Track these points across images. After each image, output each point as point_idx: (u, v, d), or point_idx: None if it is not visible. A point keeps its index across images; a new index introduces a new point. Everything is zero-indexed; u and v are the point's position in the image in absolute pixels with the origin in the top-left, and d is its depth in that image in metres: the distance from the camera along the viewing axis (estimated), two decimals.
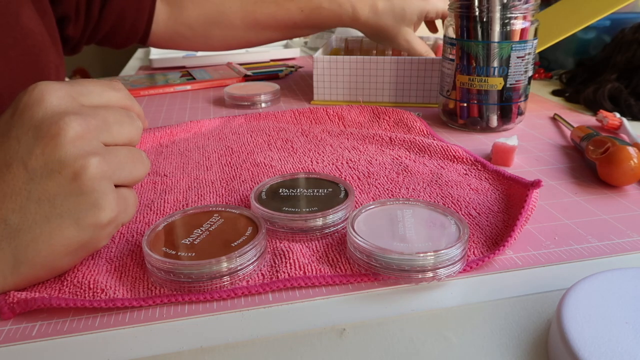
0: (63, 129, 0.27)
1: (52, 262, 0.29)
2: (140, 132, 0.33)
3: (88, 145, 0.28)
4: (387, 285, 0.31)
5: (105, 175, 0.28)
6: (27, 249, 0.28)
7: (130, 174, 0.31)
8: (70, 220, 0.28)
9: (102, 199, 0.28)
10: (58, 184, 0.27)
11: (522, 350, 0.26)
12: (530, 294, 0.30)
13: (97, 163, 0.28)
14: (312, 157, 0.51)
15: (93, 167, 0.28)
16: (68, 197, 0.28)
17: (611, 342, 0.23)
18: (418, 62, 0.67)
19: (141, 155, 0.32)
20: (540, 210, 0.40)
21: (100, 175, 0.28)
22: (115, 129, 0.30)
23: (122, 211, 0.30)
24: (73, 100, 0.30)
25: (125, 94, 0.34)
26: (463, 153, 0.49)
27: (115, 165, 0.29)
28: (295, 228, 0.35)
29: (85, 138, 0.28)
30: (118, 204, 0.29)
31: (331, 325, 0.28)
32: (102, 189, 0.28)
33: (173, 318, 0.29)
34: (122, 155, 0.30)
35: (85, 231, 0.29)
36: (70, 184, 0.28)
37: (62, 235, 0.28)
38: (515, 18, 0.53)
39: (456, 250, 0.31)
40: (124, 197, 0.31)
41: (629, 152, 0.42)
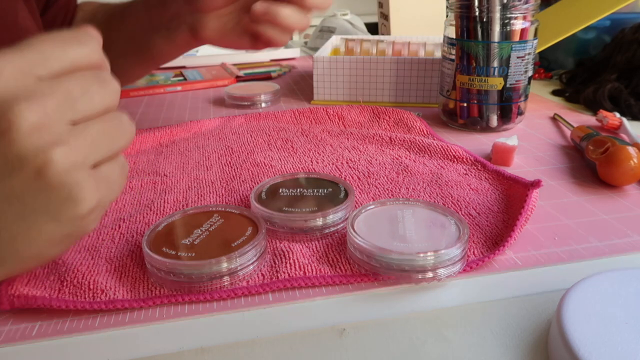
0: (14, 122, 0.24)
1: (38, 255, 0.28)
2: (116, 94, 0.28)
3: (48, 134, 0.24)
4: (387, 285, 0.31)
5: (74, 165, 0.25)
6: (8, 247, 0.26)
7: (109, 148, 0.27)
8: (46, 217, 0.26)
9: (75, 191, 0.25)
10: (22, 182, 0.25)
11: (522, 350, 0.26)
12: (530, 294, 0.30)
13: (61, 155, 0.25)
14: (312, 157, 0.51)
15: (57, 161, 0.24)
16: (37, 194, 0.25)
17: (611, 342, 0.23)
18: (418, 62, 0.67)
19: (121, 122, 0.28)
20: (540, 210, 0.40)
21: (67, 167, 0.25)
22: (83, 102, 0.26)
23: (106, 193, 0.27)
24: (25, 76, 0.25)
25: (92, 48, 0.28)
26: (463, 153, 0.49)
27: (86, 148, 0.26)
28: (295, 228, 0.35)
29: (44, 126, 0.24)
30: (98, 188, 0.26)
31: (331, 325, 0.28)
32: (74, 180, 0.25)
33: (173, 318, 0.29)
34: (94, 132, 0.26)
35: (65, 225, 0.26)
36: (36, 182, 0.25)
37: (41, 231, 0.26)
38: (515, 18, 0.53)
39: (456, 250, 0.31)
40: (106, 177, 0.27)
41: (629, 152, 0.42)
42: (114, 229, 0.38)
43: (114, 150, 0.28)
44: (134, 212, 0.41)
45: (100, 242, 0.36)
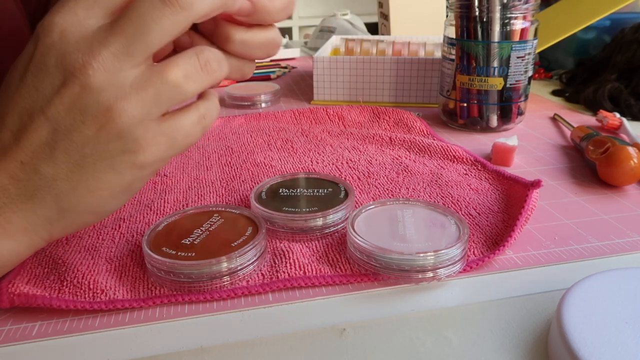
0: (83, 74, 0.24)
1: (97, 207, 0.28)
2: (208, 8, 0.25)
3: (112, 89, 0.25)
4: (387, 285, 0.31)
5: (134, 120, 0.25)
6: (68, 197, 0.27)
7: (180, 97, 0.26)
8: (104, 165, 0.26)
9: (135, 143, 0.26)
10: (83, 134, 0.25)
11: (522, 350, 0.26)
12: (530, 294, 0.30)
13: (122, 109, 0.25)
14: (312, 157, 0.51)
15: (117, 116, 0.25)
16: (96, 146, 0.25)
17: (611, 342, 0.23)
18: (418, 62, 0.67)
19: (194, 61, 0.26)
20: (540, 210, 0.40)
21: (128, 121, 0.25)
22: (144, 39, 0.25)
23: (167, 147, 0.27)
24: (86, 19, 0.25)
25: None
26: (463, 153, 0.49)
27: (149, 101, 0.25)
28: (295, 228, 0.35)
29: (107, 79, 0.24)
30: (159, 142, 0.26)
31: (331, 325, 0.28)
32: (134, 133, 0.25)
33: (173, 318, 0.29)
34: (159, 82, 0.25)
35: (124, 174, 0.27)
36: (98, 134, 0.25)
37: (100, 180, 0.26)
38: (515, 18, 0.53)
39: (456, 250, 0.31)
40: (171, 131, 0.27)
41: (629, 152, 0.42)
42: (114, 228, 0.38)
43: (182, 99, 0.27)
44: (134, 211, 0.41)
45: (100, 242, 0.36)
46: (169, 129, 0.27)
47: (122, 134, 0.25)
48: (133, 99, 0.25)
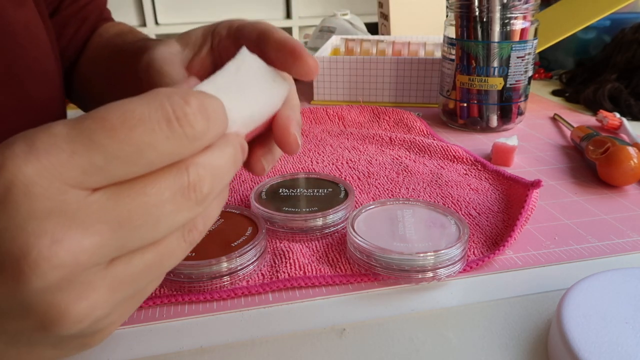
0: (25, 274, 0.17)
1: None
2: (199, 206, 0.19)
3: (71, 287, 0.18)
4: (387, 285, 0.31)
5: (96, 321, 0.19)
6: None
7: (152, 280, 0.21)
8: (46, 347, 0.20)
9: (89, 338, 0.21)
10: (22, 325, 0.19)
11: (522, 350, 0.26)
12: (530, 294, 0.30)
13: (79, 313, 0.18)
14: (312, 157, 0.51)
15: (72, 320, 0.18)
16: (39, 338, 0.19)
17: (611, 342, 0.23)
18: (418, 62, 0.67)
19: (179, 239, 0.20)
20: (540, 210, 0.40)
21: (84, 324, 0.18)
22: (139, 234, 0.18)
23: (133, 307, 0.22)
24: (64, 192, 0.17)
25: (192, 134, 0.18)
26: (463, 153, 0.49)
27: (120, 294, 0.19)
28: (295, 228, 0.35)
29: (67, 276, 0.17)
30: (120, 318, 0.21)
31: (331, 325, 0.28)
32: (89, 331, 0.19)
33: (173, 318, 0.29)
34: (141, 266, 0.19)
35: (70, 353, 0.22)
36: (40, 331, 0.18)
37: (39, 355, 0.21)
38: (515, 18, 0.53)
39: (456, 250, 0.31)
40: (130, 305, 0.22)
41: (629, 152, 0.42)
42: None
43: (162, 273, 0.21)
44: None
45: None
46: (131, 302, 0.21)
47: (72, 334, 0.19)
48: (100, 294, 0.18)
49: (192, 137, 0.18)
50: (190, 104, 0.18)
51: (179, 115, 0.18)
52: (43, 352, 0.20)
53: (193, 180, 0.19)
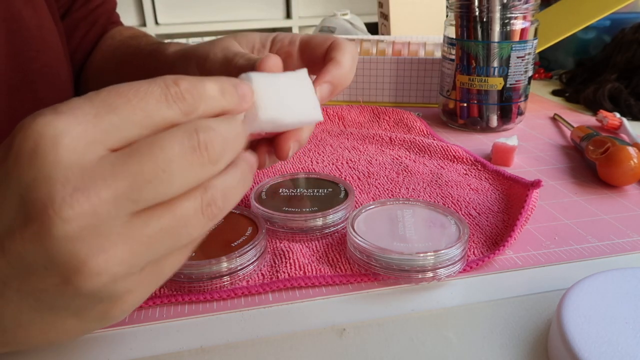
0: (51, 220, 0.18)
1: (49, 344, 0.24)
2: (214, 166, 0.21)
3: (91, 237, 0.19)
4: (387, 285, 0.31)
5: (114, 276, 0.19)
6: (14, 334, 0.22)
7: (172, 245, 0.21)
8: (67, 315, 0.21)
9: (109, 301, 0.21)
10: (44, 281, 0.19)
11: (522, 350, 0.26)
12: (530, 294, 0.30)
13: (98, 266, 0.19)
14: (312, 157, 0.51)
15: (93, 274, 0.19)
16: (59, 297, 0.20)
17: (611, 342, 0.23)
18: (418, 62, 0.67)
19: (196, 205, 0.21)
20: (540, 210, 0.40)
21: (104, 280, 0.19)
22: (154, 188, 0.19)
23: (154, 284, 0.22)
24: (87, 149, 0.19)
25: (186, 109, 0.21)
26: (463, 153, 0.49)
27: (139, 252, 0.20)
28: (295, 228, 0.35)
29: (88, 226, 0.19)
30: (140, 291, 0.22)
31: (331, 325, 0.28)
32: (108, 292, 0.20)
33: (173, 318, 0.29)
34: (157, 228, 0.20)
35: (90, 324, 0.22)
36: (62, 287, 0.19)
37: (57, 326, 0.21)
38: (515, 18, 0.53)
39: (456, 250, 0.31)
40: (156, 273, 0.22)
41: (629, 152, 0.42)
42: None
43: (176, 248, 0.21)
44: None
45: None
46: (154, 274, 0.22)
47: (94, 293, 0.20)
48: (118, 251, 0.19)
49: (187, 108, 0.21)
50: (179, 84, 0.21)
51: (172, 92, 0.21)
52: (65, 322, 0.21)
53: (203, 140, 0.20)
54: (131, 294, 0.21)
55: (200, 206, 0.21)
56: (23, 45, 0.47)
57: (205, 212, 0.21)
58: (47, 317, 0.21)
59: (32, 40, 0.47)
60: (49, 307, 0.20)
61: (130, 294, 0.21)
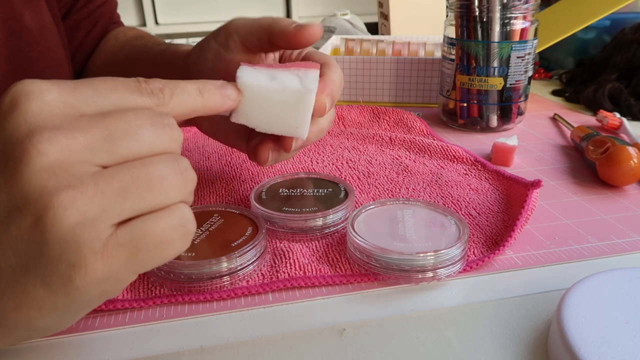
0: (28, 152, 0.19)
1: (27, 324, 0.22)
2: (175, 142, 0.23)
3: (64, 175, 0.19)
4: (387, 285, 0.31)
5: (84, 218, 0.19)
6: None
7: (147, 202, 0.21)
8: (35, 277, 0.20)
9: (75, 254, 0.20)
10: (20, 227, 0.20)
11: (522, 350, 0.26)
12: (530, 294, 0.30)
13: (69, 201, 0.19)
14: (312, 157, 0.51)
15: (61, 209, 0.19)
16: (31, 246, 0.20)
17: (611, 342, 0.23)
18: (418, 62, 0.67)
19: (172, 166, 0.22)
20: (540, 210, 0.40)
21: (73, 219, 0.19)
22: (125, 143, 0.21)
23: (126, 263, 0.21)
24: (65, 107, 0.21)
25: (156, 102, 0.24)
26: (463, 153, 0.49)
27: (109, 197, 0.20)
28: (295, 228, 0.35)
29: (63, 164, 0.20)
30: (112, 255, 0.20)
31: (331, 325, 0.28)
32: (75, 239, 0.19)
33: (173, 318, 0.29)
34: (128, 177, 0.21)
35: (57, 294, 0.20)
36: (33, 230, 0.19)
37: (28, 295, 0.20)
38: (515, 18, 0.53)
39: (456, 250, 0.31)
40: (132, 241, 0.21)
41: (629, 152, 0.42)
42: None
43: (155, 203, 0.21)
44: None
45: None
46: (131, 234, 0.21)
47: (61, 234, 0.19)
48: (88, 189, 0.20)
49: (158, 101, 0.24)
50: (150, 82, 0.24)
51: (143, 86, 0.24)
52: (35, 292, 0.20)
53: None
54: (98, 257, 0.20)
55: (177, 168, 0.22)
56: (23, 47, 0.47)
57: (182, 173, 0.22)
58: (21, 283, 0.20)
59: (32, 42, 0.47)
60: (24, 269, 0.20)
61: (97, 256, 0.20)
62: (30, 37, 0.47)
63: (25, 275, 0.20)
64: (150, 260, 0.21)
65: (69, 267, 0.20)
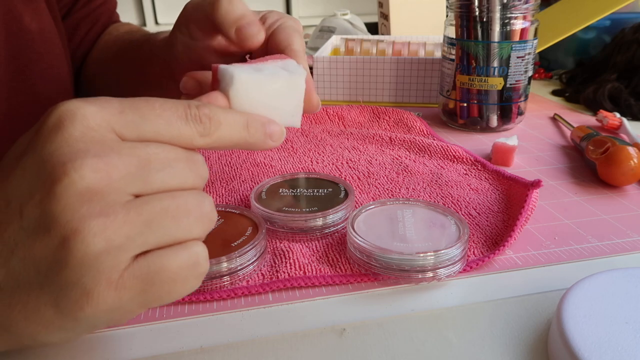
0: (68, 174, 0.20)
1: (31, 336, 0.22)
2: (202, 180, 0.24)
3: (99, 201, 0.20)
4: (387, 285, 0.31)
5: (109, 246, 0.20)
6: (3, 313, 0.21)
7: (169, 234, 0.21)
8: (48, 298, 0.21)
9: (92, 281, 0.20)
10: (45, 246, 0.20)
11: (522, 350, 0.26)
12: (530, 294, 0.30)
13: (98, 228, 0.20)
14: (312, 157, 0.51)
15: (90, 235, 0.20)
16: (53, 266, 0.20)
17: (611, 342, 0.23)
18: (418, 62, 0.67)
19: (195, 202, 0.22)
20: (540, 210, 0.40)
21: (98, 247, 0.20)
22: (159, 176, 0.22)
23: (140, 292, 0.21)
24: (108, 132, 0.21)
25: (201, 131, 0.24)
26: (463, 153, 0.49)
27: (135, 227, 0.21)
28: (295, 228, 0.35)
29: (99, 192, 0.20)
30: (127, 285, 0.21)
31: (331, 325, 0.28)
32: (96, 266, 0.20)
33: (173, 318, 0.29)
34: (156, 209, 0.21)
35: (66, 318, 0.21)
36: (58, 251, 0.20)
37: (38, 313, 0.21)
38: (515, 18, 0.53)
39: (456, 250, 0.31)
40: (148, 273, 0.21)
41: (629, 152, 0.42)
42: None
43: (177, 237, 0.22)
44: None
45: None
46: (147, 267, 0.21)
47: (85, 260, 0.20)
48: (119, 218, 0.20)
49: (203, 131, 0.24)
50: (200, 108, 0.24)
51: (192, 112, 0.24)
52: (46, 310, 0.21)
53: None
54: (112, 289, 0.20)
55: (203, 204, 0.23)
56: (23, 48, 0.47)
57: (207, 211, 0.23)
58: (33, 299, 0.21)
59: (32, 43, 0.47)
60: (40, 284, 0.21)
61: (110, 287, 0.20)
62: (30, 39, 0.47)
63: (40, 293, 0.21)
64: (161, 296, 0.22)
65: (82, 294, 0.20)
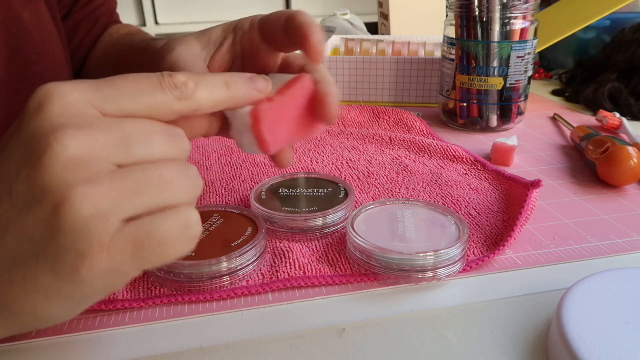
0: (52, 146, 0.21)
1: (33, 310, 0.23)
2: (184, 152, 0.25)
3: (83, 170, 0.21)
4: (387, 285, 0.31)
5: (97, 210, 0.21)
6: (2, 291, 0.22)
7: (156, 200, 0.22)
8: (45, 265, 0.21)
9: (85, 244, 0.21)
10: (37, 217, 0.21)
11: (522, 350, 0.26)
12: (530, 294, 0.30)
13: (85, 195, 0.20)
14: (312, 157, 0.51)
15: (78, 201, 0.20)
16: (46, 235, 0.21)
17: (611, 342, 0.23)
18: (418, 62, 0.67)
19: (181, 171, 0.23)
20: (540, 210, 0.40)
21: (87, 212, 0.20)
22: (140, 148, 0.23)
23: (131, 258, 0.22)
24: (87, 108, 0.22)
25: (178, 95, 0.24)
26: (463, 153, 0.49)
27: (122, 194, 0.21)
28: (295, 228, 0.35)
29: (83, 161, 0.21)
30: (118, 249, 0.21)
31: (331, 325, 0.28)
32: (87, 230, 0.21)
33: (173, 318, 0.29)
34: (141, 177, 0.22)
35: (64, 282, 0.22)
36: (49, 220, 0.21)
37: (37, 282, 0.22)
38: (515, 18, 0.53)
39: (456, 250, 0.31)
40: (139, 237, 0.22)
41: (629, 152, 0.42)
42: None
43: (164, 202, 0.22)
44: None
45: None
46: (137, 231, 0.22)
47: (75, 224, 0.20)
48: (104, 185, 0.21)
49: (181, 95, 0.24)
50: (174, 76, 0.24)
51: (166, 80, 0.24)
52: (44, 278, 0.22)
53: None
54: (105, 249, 0.21)
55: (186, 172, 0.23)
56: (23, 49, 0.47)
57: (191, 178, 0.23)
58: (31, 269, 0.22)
59: (32, 44, 0.47)
60: (34, 257, 0.21)
61: (104, 248, 0.21)
62: (30, 39, 0.47)
63: (36, 263, 0.21)
64: (153, 259, 0.22)
65: (77, 257, 0.21)
